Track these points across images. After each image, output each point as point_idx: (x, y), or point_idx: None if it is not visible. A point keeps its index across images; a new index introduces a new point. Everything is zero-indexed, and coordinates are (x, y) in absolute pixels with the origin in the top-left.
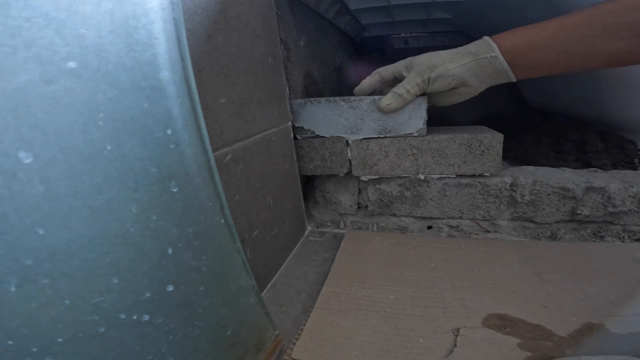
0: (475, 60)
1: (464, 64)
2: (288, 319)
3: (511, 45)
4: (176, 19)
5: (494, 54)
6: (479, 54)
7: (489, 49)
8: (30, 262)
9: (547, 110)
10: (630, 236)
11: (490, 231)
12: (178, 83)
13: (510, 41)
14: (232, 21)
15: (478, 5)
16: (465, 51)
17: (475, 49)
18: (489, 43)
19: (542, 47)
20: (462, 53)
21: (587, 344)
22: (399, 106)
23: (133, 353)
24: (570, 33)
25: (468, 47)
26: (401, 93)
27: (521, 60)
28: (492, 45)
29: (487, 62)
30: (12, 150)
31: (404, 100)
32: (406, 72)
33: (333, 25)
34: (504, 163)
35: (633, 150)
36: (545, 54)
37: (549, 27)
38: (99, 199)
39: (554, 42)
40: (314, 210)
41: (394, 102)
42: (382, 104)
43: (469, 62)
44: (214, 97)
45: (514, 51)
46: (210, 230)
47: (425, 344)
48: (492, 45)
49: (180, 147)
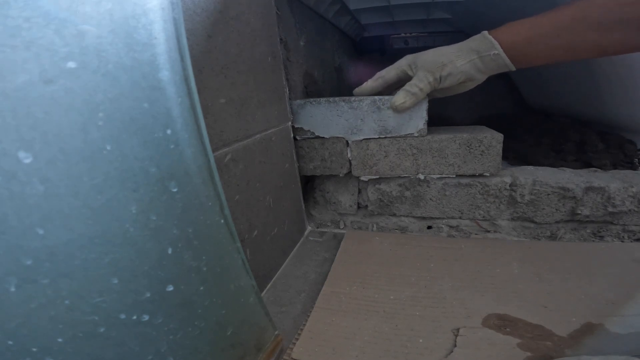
0: (479, 57)
1: (469, 60)
2: (288, 319)
3: (510, 42)
4: (176, 19)
5: (496, 52)
6: (482, 52)
7: (491, 46)
8: (30, 262)
9: (547, 110)
10: (630, 236)
11: (490, 231)
12: (178, 83)
13: (509, 37)
14: (231, 21)
15: (477, 5)
16: (468, 48)
17: (477, 46)
18: (490, 40)
19: (539, 42)
20: (466, 50)
21: (587, 344)
22: (412, 104)
23: (133, 353)
24: (565, 28)
25: (469, 44)
26: (415, 91)
27: (520, 54)
28: (493, 43)
29: (490, 59)
30: (12, 150)
31: (417, 98)
32: (411, 71)
33: (333, 25)
34: (504, 163)
35: (633, 150)
36: (542, 48)
37: (545, 22)
38: (98, 199)
39: (551, 37)
40: (313, 210)
41: (408, 101)
42: (397, 102)
43: (474, 59)
44: (214, 97)
45: (514, 47)
46: (210, 230)
47: (425, 344)
48: (494, 43)
49: (180, 147)
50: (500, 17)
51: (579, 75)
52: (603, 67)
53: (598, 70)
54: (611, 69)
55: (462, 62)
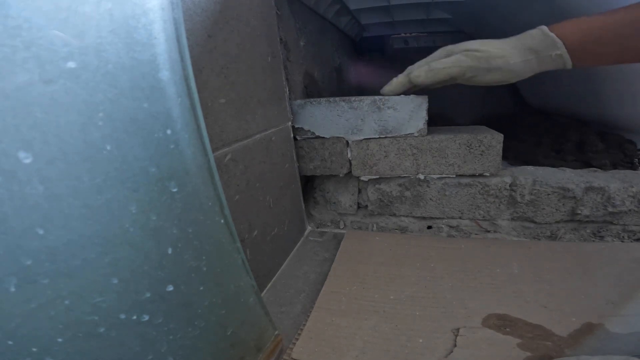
0: (537, 57)
1: (525, 60)
2: (288, 319)
3: (578, 43)
4: (176, 19)
5: (558, 52)
6: (542, 52)
7: (554, 46)
8: (30, 262)
9: (547, 110)
10: (630, 236)
11: (490, 231)
12: (178, 83)
13: (578, 37)
14: (232, 21)
15: (478, 5)
16: (525, 46)
17: (536, 45)
18: (552, 39)
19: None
20: (522, 48)
21: (587, 344)
22: (426, 81)
23: (133, 353)
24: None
25: (526, 40)
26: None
27: (589, 55)
28: (556, 42)
29: (550, 60)
30: (12, 150)
31: (435, 77)
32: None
33: (333, 25)
34: (504, 163)
35: (633, 150)
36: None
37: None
38: (98, 199)
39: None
40: (314, 210)
41: (422, 75)
42: (413, 73)
43: (531, 59)
44: (214, 97)
45: (581, 49)
46: (210, 230)
47: (425, 344)
48: (557, 42)
49: (180, 147)
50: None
51: (578, 75)
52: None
53: (598, 70)
54: (611, 69)
55: (516, 60)
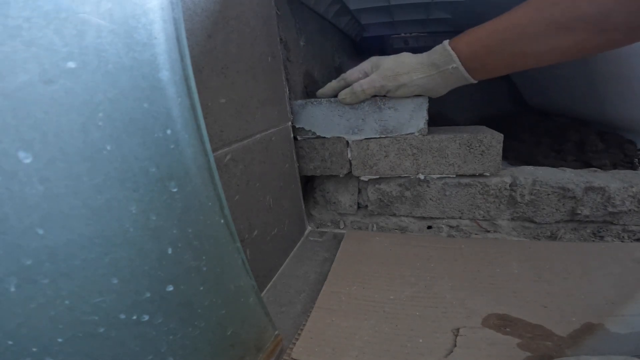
0: (439, 72)
1: (428, 75)
2: (288, 319)
3: (469, 53)
4: (176, 19)
5: (454, 65)
6: (442, 66)
7: (450, 60)
8: (30, 262)
9: (547, 110)
10: (630, 236)
11: (490, 231)
12: (178, 83)
13: (468, 48)
14: (231, 21)
15: (478, 5)
16: (429, 62)
17: (437, 60)
18: (449, 53)
19: (498, 51)
20: (427, 64)
21: (587, 344)
22: (352, 102)
23: (133, 353)
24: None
25: (431, 56)
26: (357, 91)
27: (480, 65)
28: (452, 56)
29: (450, 73)
30: (12, 150)
31: (358, 99)
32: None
33: (333, 25)
34: (504, 163)
35: (633, 150)
36: (502, 57)
37: (501, 27)
38: (98, 199)
39: (508, 43)
40: (313, 210)
41: (347, 98)
42: (340, 96)
43: (434, 74)
44: (214, 97)
45: (473, 58)
46: (210, 230)
47: (425, 344)
48: (452, 56)
49: (180, 147)
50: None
51: (578, 75)
52: (603, 66)
53: (598, 70)
54: (611, 69)
55: (419, 76)
